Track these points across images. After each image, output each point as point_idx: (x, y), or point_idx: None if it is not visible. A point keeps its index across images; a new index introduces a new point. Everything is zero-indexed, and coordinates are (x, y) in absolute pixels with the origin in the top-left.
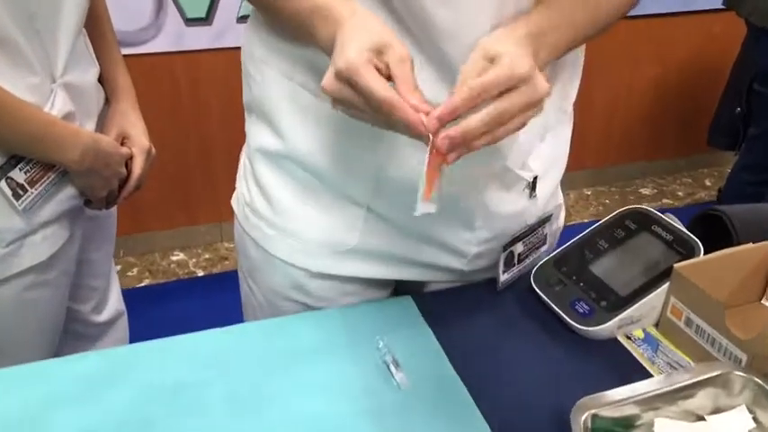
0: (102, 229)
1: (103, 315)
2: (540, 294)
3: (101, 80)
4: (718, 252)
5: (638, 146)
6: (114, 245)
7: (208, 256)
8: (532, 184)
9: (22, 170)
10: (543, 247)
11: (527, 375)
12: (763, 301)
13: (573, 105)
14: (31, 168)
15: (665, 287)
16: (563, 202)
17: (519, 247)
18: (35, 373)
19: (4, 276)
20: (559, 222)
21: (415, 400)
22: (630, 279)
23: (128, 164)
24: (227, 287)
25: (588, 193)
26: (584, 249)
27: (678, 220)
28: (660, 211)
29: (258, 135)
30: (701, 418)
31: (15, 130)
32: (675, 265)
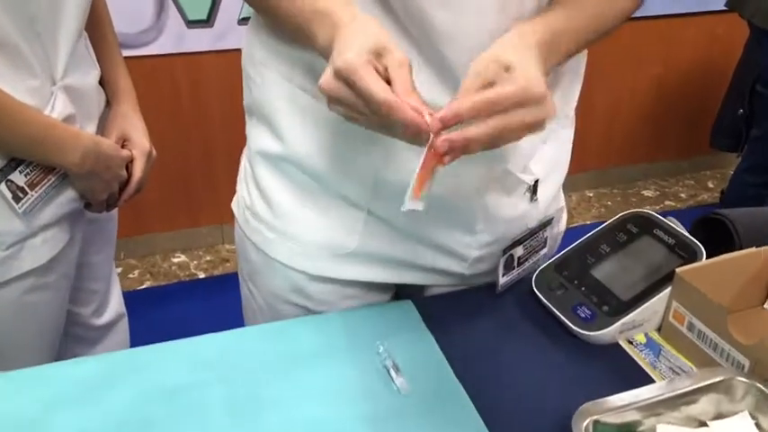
0: (103, 232)
1: (104, 318)
2: (542, 299)
3: (102, 82)
4: (720, 256)
5: (640, 147)
6: (115, 247)
7: (209, 258)
8: (533, 188)
9: (22, 173)
10: (543, 250)
11: (528, 380)
12: (765, 306)
13: (575, 109)
14: (32, 171)
15: (667, 292)
16: (565, 205)
17: (519, 251)
18: (35, 377)
19: (3, 279)
20: (561, 226)
21: (415, 405)
22: (632, 283)
23: (128, 166)
24: (228, 289)
25: (590, 194)
26: (585, 253)
27: (680, 224)
28: (663, 213)
29: (258, 138)
30: (703, 424)
31: (15, 132)
32: (677, 270)
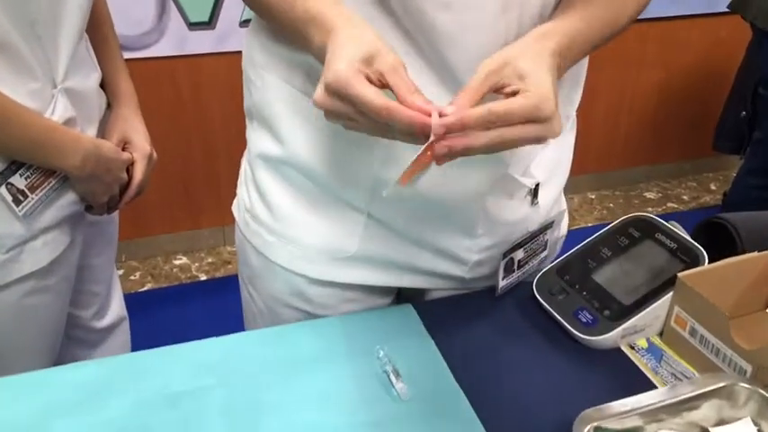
0: (104, 235)
1: (105, 321)
2: (543, 303)
3: (103, 85)
4: (722, 261)
5: (642, 149)
6: (116, 250)
7: (211, 260)
8: (534, 192)
9: (22, 176)
10: (543, 253)
11: (529, 386)
12: None
13: (576, 111)
14: (32, 174)
15: (668, 296)
16: (566, 208)
17: (519, 254)
18: (33, 383)
19: (3, 282)
20: (562, 229)
21: (415, 411)
22: (634, 288)
23: (129, 169)
24: (229, 291)
25: (592, 197)
26: (586, 257)
27: (682, 228)
28: (665, 215)
29: (259, 141)
30: (705, 430)
31: (16, 136)
32: (679, 275)
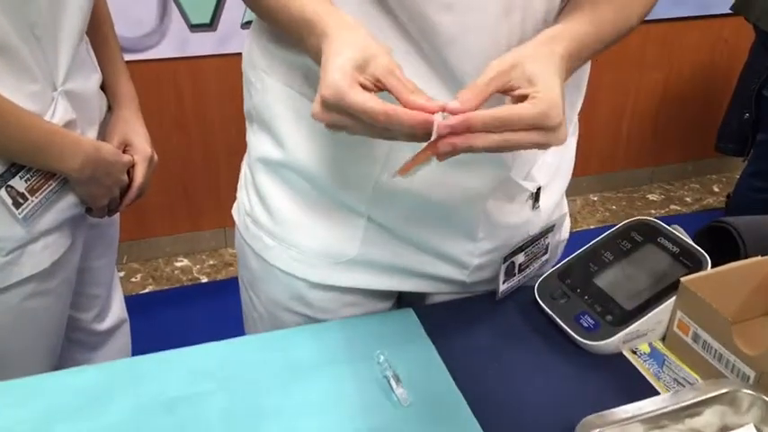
0: (104, 237)
1: (106, 323)
2: (544, 307)
3: (103, 87)
4: (725, 265)
5: (645, 151)
6: (117, 253)
7: (212, 262)
8: (536, 195)
9: (22, 178)
10: (544, 257)
11: (530, 391)
12: None
13: (578, 114)
14: (32, 177)
15: (671, 301)
16: (568, 211)
17: (520, 258)
18: (33, 387)
19: (4, 285)
20: (564, 233)
21: (415, 416)
22: (636, 292)
23: (130, 171)
24: (230, 293)
25: (595, 198)
26: (588, 261)
27: (685, 232)
28: (668, 217)
29: (259, 144)
30: None
31: (16, 138)
32: (682, 279)
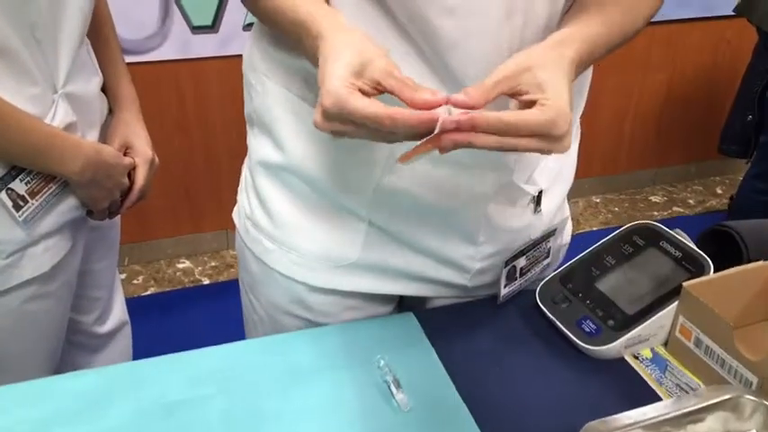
0: (105, 240)
1: (107, 326)
2: (546, 312)
3: (104, 89)
4: (728, 270)
5: (648, 153)
6: (118, 255)
7: (214, 264)
8: (537, 199)
9: (22, 181)
10: (546, 261)
11: (532, 396)
12: None
13: (580, 116)
14: (32, 179)
15: (673, 306)
16: (570, 215)
17: (521, 262)
18: (32, 392)
19: (4, 288)
20: (565, 237)
21: (415, 422)
22: (638, 297)
23: (131, 174)
24: (232, 295)
25: (597, 200)
26: (590, 266)
27: (687, 236)
28: (671, 219)
29: (259, 148)
30: None
31: (16, 141)
32: (684, 284)
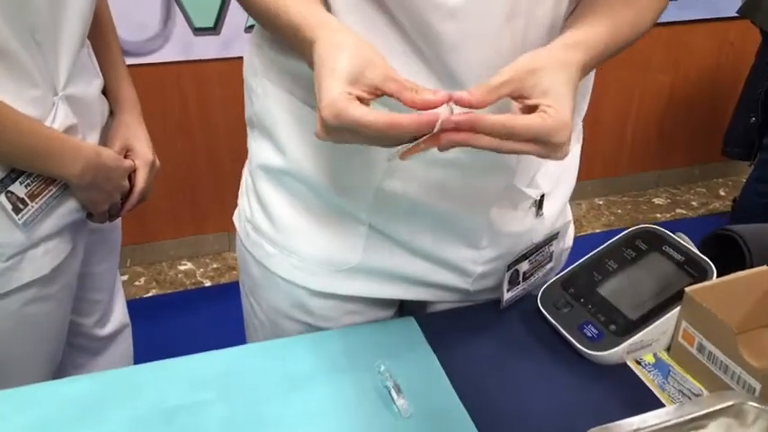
0: (106, 242)
1: (107, 328)
2: (547, 317)
3: (105, 92)
4: (731, 275)
5: (650, 155)
6: (118, 258)
7: (216, 266)
8: (539, 203)
9: (22, 184)
10: (549, 265)
11: (533, 402)
12: None
13: (582, 119)
14: (32, 182)
15: (676, 311)
16: (572, 219)
17: (524, 266)
18: (29, 397)
19: (4, 291)
20: (567, 240)
21: (416, 428)
22: (641, 302)
23: (132, 176)
24: (234, 297)
25: (600, 202)
26: (592, 270)
27: (690, 240)
28: (674, 221)
29: (260, 151)
30: None
31: (16, 144)
32: (687, 289)
